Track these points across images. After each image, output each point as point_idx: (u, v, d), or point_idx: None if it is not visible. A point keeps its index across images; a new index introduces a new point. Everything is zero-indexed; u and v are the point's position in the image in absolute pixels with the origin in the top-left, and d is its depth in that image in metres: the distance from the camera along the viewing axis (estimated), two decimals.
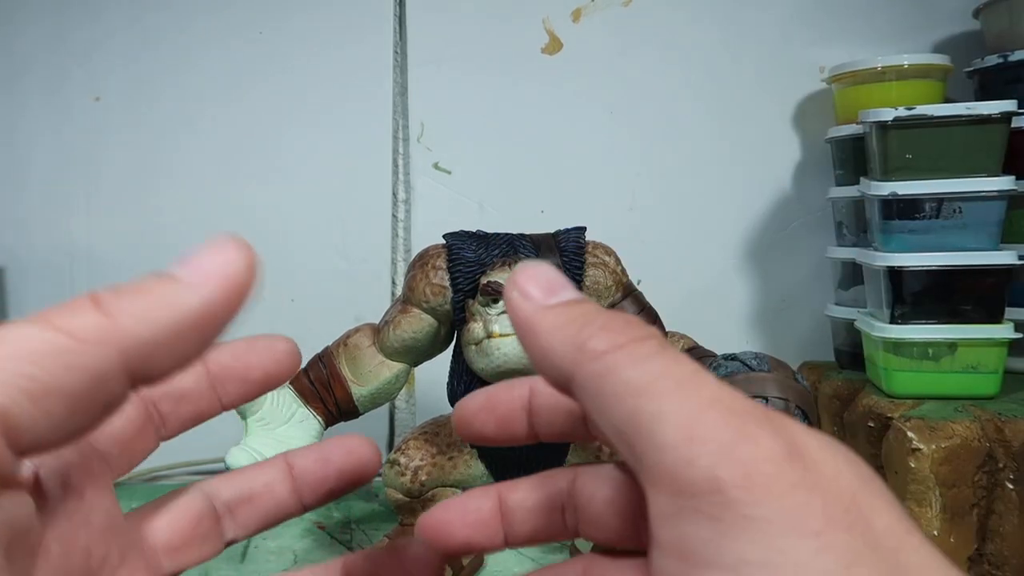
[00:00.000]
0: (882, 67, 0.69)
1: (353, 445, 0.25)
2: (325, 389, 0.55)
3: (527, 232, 0.54)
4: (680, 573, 0.17)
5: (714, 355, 0.51)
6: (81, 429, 0.17)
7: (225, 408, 0.24)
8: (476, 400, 0.24)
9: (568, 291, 0.20)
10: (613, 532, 0.22)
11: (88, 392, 0.16)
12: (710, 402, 0.17)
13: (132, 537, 0.22)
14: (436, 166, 0.83)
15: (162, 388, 0.24)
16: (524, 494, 0.23)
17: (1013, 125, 0.61)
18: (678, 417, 0.17)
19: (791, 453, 0.17)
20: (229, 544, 0.24)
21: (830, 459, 0.17)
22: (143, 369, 0.17)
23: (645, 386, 0.18)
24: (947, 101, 0.70)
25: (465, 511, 0.23)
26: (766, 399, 0.43)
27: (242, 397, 0.24)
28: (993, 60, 0.67)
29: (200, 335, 0.18)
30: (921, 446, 0.54)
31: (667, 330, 0.55)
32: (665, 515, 0.17)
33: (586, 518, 0.22)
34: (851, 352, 0.72)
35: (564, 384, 0.19)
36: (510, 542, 0.23)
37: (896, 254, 0.62)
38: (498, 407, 0.24)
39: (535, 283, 0.20)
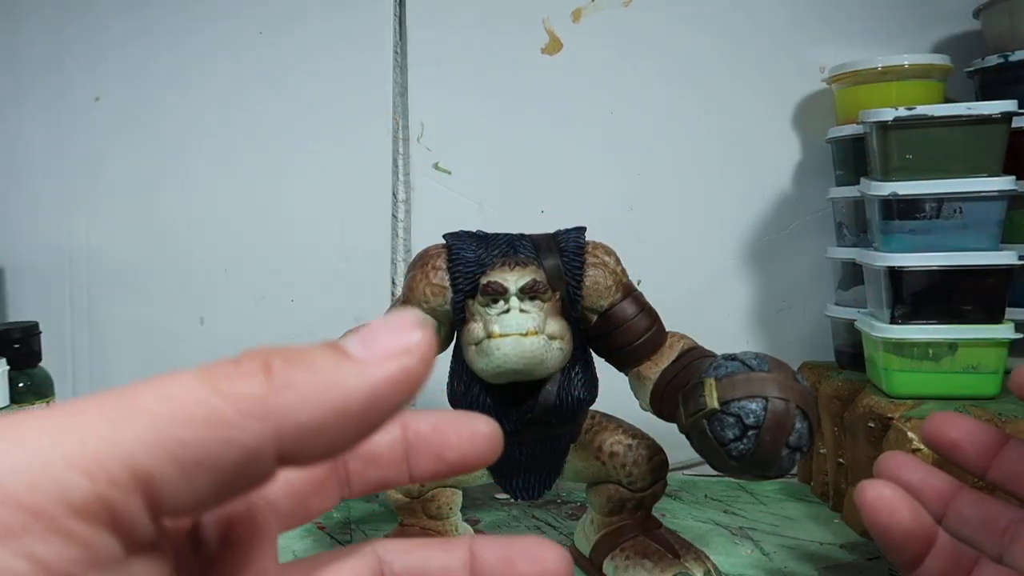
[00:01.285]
0: (882, 67, 0.69)
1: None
2: None
3: (527, 232, 0.54)
4: None
5: (714, 355, 0.51)
6: (223, 499, 0.16)
7: (414, 481, 0.23)
8: (957, 416, 0.29)
9: None
10: None
11: (236, 467, 0.15)
12: None
13: None
14: (436, 166, 0.83)
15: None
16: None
17: (1013, 125, 0.61)
18: None
19: None
20: None
21: None
22: (295, 452, 0.16)
23: None
24: (947, 101, 0.70)
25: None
26: (766, 399, 0.43)
27: (433, 474, 0.23)
28: (993, 60, 0.67)
29: (360, 424, 0.17)
30: (922, 446, 0.54)
31: (667, 330, 0.55)
32: None
33: None
34: (851, 352, 0.72)
35: None
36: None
37: (896, 254, 0.62)
38: (975, 429, 0.29)
39: None
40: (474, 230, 0.54)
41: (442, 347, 0.56)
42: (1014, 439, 0.29)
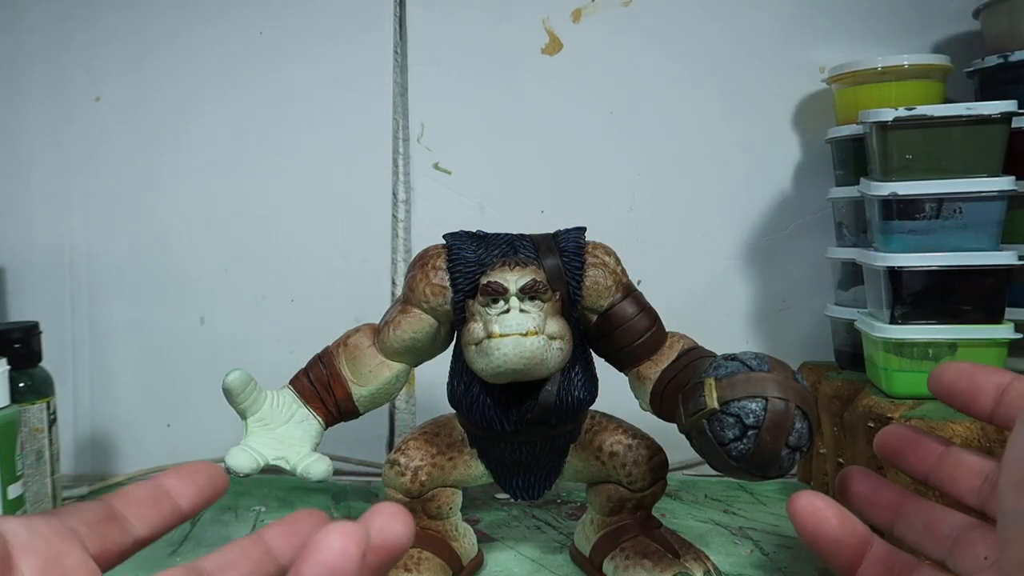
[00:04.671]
0: (882, 67, 0.69)
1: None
2: (325, 389, 0.55)
3: (527, 232, 0.54)
4: None
5: (714, 355, 0.51)
6: None
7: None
8: (961, 365, 0.30)
9: None
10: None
11: None
12: None
13: None
14: (436, 166, 0.83)
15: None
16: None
17: (1013, 125, 0.61)
18: None
19: None
20: None
21: None
22: None
23: None
24: (947, 101, 0.70)
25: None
26: (766, 399, 0.43)
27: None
28: (993, 60, 0.67)
29: None
30: None
31: (667, 330, 0.55)
32: None
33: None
34: (851, 352, 0.72)
35: None
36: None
37: (896, 254, 0.62)
38: (976, 376, 0.29)
39: None
40: (474, 230, 0.54)
41: (442, 347, 0.56)
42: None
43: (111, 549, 0.25)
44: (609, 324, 0.53)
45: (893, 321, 0.62)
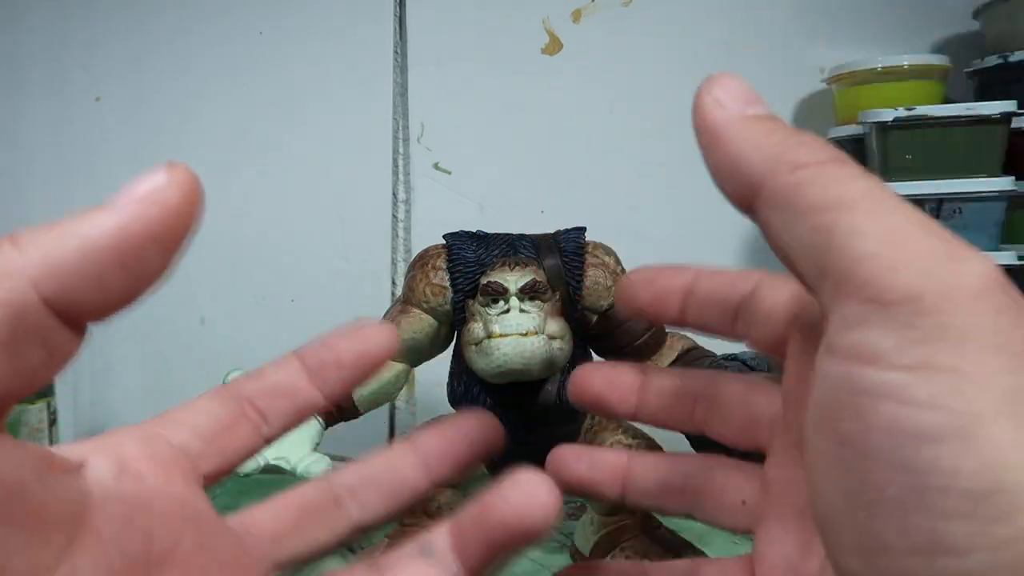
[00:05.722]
0: (882, 68, 0.69)
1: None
2: None
3: (527, 232, 0.54)
4: (851, 374, 0.17)
5: (714, 355, 0.51)
6: (27, 379, 0.16)
7: (329, 399, 0.24)
8: (643, 273, 0.25)
9: (764, 106, 0.20)
10: (737, 426, 0.24)
11: (12, 329, 0.16)
12: (918, 223, 0.17)
13: (219, 528, 0.21)
14: (436, 166, 0.83)
15: (255, 385, 0.23)
16: (666, 380, 0.26)
17: (1013, 125, 0.61)
18: (881, 231, 0.17)
19: (1001, 281, 0.16)
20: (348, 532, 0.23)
21: None
22: (59, 295, 0.16)
23: (846, 202, 0.17)
24: (947, 101, 0.70)
25: (607, 375, 0.26)
26: None
27: (342, 383, 0.24)
28: (993, 60, 0.67)
29: (120, 258, 0.17)
30: None
31: (667, 330, 0.55)
32: (848, 322, 0.17)
33: (717, 415, 0.25)
34: None
35: (748, 196, 0.19)
36: (638, 416, 0.26)
37: None
38: (659, 281, 0.25)
39: (731, 93, 0.21)
40: (474, 230, 0.54)
41: (442, 347, 0.56)
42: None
43: (232, 461, 0.23)
44: (609, 324, 0.53)
45: None
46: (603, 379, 0.27)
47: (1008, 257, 0.60)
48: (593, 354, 0.55)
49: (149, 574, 0.19)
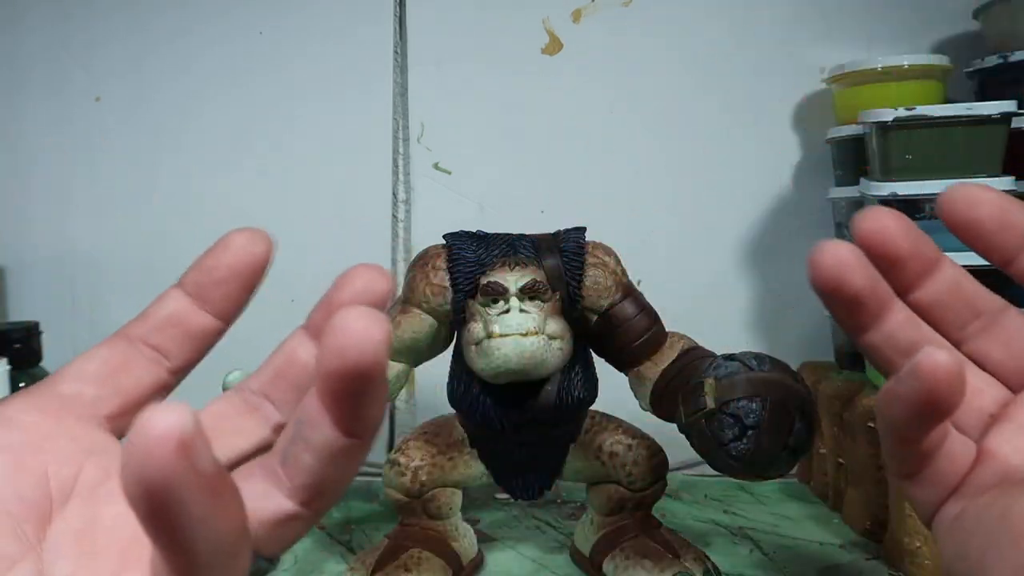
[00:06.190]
0: (882, 68, 0.69)
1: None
2: None
3: (527, 232, 0.54)
4: None
5: (714, 355, 0.51)
6: None
7: (222, 317, 0.25)
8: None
9: None
10: (1013, 353, 0.26)
11: None
12: None
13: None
14: (436, 166, 0.83)
15: (143, 325, 0.24)
16: (963, 279, 0.27)
17: (1013, 125, 0.61)
18: None
19: None
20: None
21: None
22: None
23: None
24: (947, 101, 0.70)
25: (906, 226, 0.26)
26: (765, 399, 0.43)
27: (227, 299, 0.25)
28: (993, 60, 0.67)
29: None
30: None
31: (667, 330, 0.55)
32: None
33: (996, 336, 0.27)
34: (851, 352, 0.72)
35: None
36: (914, 289, 0.26)
37: None
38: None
39: None
40: (474, 230, 0.54)
41: (442, 347, 0.56)
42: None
43: (134, 397, 0.23)
44: (609, 324, 0.53)
45: None
46: (903, 230, 0.26)
47: None
48: (593, 354, 0.55)
49: (55, 508, 0.20)
